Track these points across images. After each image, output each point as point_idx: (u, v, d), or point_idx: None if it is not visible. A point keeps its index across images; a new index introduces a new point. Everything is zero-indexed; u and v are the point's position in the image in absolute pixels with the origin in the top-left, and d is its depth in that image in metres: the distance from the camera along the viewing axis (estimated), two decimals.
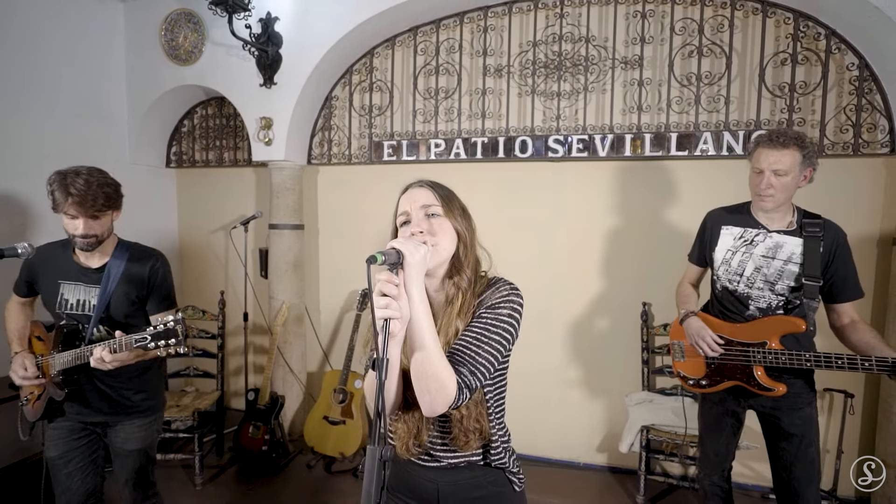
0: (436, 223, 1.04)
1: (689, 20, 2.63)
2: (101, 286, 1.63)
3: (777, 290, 1.70)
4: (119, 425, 1.73)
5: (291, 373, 3.23)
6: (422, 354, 0.90)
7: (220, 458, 3.02)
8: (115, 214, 1.66)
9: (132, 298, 1.68)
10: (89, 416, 1.70)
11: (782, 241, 1.70)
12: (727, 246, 1.80)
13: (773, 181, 1.63)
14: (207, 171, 3.64)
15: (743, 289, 1.76)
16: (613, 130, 2.76)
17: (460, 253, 1.06)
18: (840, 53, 2.47)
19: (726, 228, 1.81)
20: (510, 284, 1.08)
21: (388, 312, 0.85)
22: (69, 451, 1.70)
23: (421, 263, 0.91)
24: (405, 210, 1.07)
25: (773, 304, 1.72)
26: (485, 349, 0.98)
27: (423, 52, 3.07)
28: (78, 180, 1.50)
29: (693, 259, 2.00)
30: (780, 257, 1.69)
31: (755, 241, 1.74)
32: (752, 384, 1.71)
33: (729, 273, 1.79)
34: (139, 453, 1.75)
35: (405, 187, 1.11)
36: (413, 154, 3.10)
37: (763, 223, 1.74)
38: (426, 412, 0.94)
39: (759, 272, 1.72)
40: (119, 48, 3.27)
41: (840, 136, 2.48)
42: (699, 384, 1.86)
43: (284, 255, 3.20)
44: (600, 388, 2.93)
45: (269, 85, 3.00)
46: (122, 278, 1.65)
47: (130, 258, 1.69)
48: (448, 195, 1.10)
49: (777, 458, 1.75)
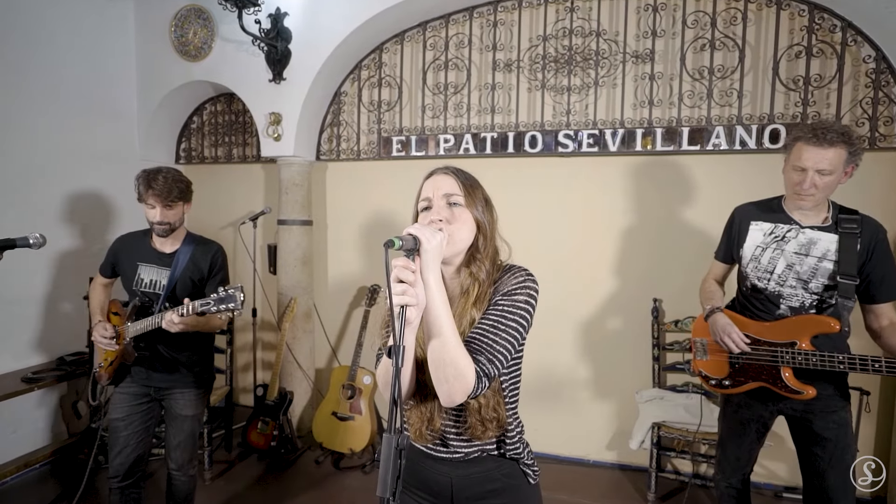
0: (456, 212, 1.03)
1: (702, 13, 2.60)
2: (171, 268, 1.93)
3: (811, 289, 1.61)
4: (179, 392, 1.97)
5: (300, 369, 3.23)
6: (439, 342, 0.89)
7: (230, 454, 3.02)
8: (185, 207, 1.97)
9: (195, 281, 1.97)
10: (156, 381, 1.95)
11: (816, 237, 1.61)
12: (756, 242, 1.71)
13: (816, 181, 1.52)
14: (216, 168, 3.65)
15: (773, 287, 1.67)
16: (624, 125, 2.74)
17: (479, 244, 1.05)
18: (856, 46, 2.43)
19: (755, 224, 1.73)
20: (525, 270, 1.06)
21: (405, 299, 0.84)
22: (131, 414, 1.93)
23: (437, 250, 0.90)
24: (427, 196, 1.06)
25: (807, 303, 1.63)
26: (502, 336, 0.97)
27: (432, 48, 3.06)
28: (158, 177, 1.84)
29: (719, 256, 1.91)
30: (815, 254, 1.60)
31: (787, 237, 1.65)
32: (778, 386, 1.63)
33: (758, 271, 1.70)
34: (193, 419, 2.01)
35: (430, 172, 1.10)
36: (422, 149, 3.09)
37: (796, 219, 1.65)
38: (445, 402, 0.93)
39: (791, 270, 1.64)
40: (129, 44, 3.28)
41: (856, 129, 2.44)
42: (721, 384, 1.78)
43: (293, 251, 3.20)
44: (610, 384, 2.91)
45: (278, 80, 3.00)
46: (188, 263, 1.95)
47: (196, 247, 1.99)
48: (472, 184, 1.08)
49: (809, 465, 1.66)
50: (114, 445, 1.92)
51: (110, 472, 1.92)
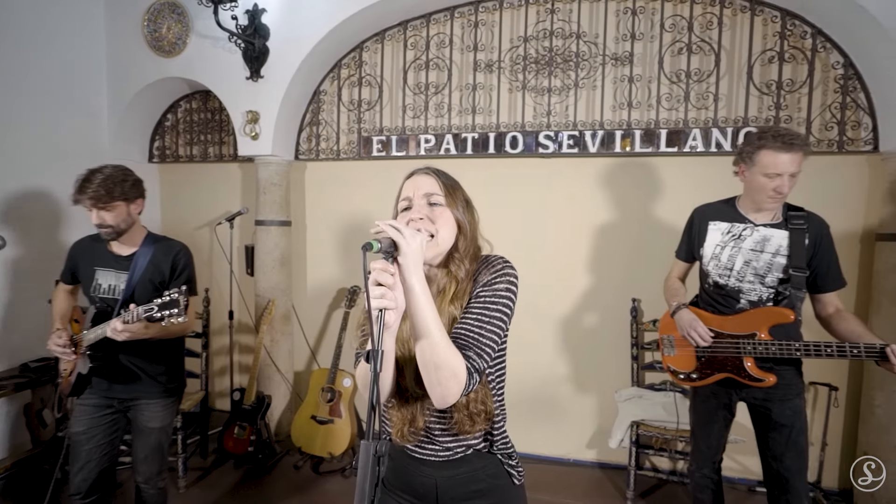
0: (437, 212, 1.02)
1: (679, 17, 2.65)
2: (129, 272, 1.82)
3: (767, 283, 1.73)
4: (144, 403, 1.86)
5: (278, 372, 3.17)
6: (429, 346, 0.87)
7: (205, 460, 2.95)
8: (132, 207, 1.83)
9: (156, 284, 1.85)
10: (118, 393, 1.84)
11: (769, 234, 1.72)
12: (715, 241, 1.82)
13: (788, 183, 1.63)
14: (192, 167, 3.56)
15: (734, 283, 1.77)
16: (604, 127, 2.76)
17: (460, 245, 1.04)
18: (825, 52, 2.50)
19: (713, 224, 1.84)
20: (502, 258, 1.06)
21: (384, 303, 0.82)
22: (93, 427, 1.82)
23: (418, 253, 0.88)
24: (408, 196, 1.04)
25: (764, 296, 1.74)
26: (487, 328, 0.96)
27: (413, 47, 3.04)
28: (93, 177, 1.74)
29: (681, 255, 2.02)
30: (769, 250, 1.72)
31: (743, 235, 1.76)
32: (742, 375, 1.73)
33: (719, 268, 1.80)
34: (161, 431, 1.90)
35: (410, 173, 1.08)
36: (402, 149, 3.06)
37: (749, 218, 1.76)
38: (438, 404, 0.91)
39: (748, 266, 1.74)
40: (99, 38, 3.17)
41: (825, 133, 2.51)
42: (690, 378, 1.86)
43: (271, 252, 3.14)
44: (590, 384, 2.93)
45: (255, 78, 2.94)
46: (147, 266, 1.85)
47: (157, 248, 1.88)
48: (452, 184, 1.07)
49: (767, 449, 1.77)
50: (75, 460, 1.81)
51: (71, 488, 1.81)
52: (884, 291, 2.35)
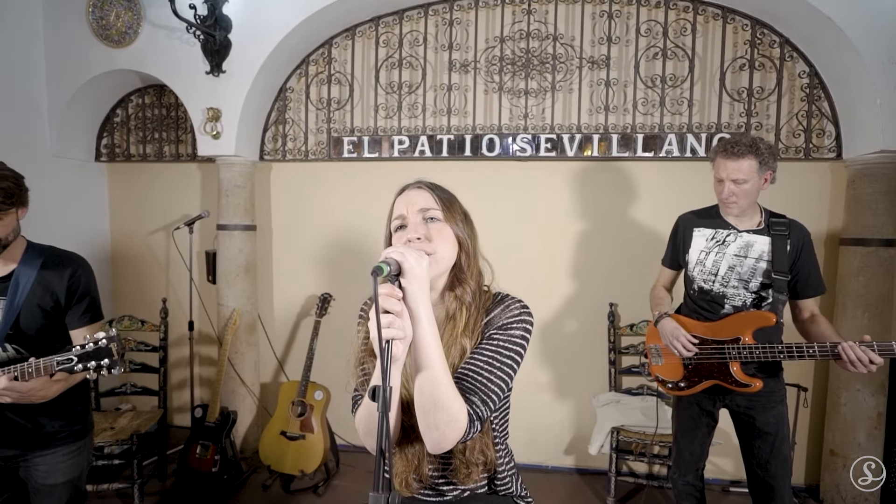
0: (434, 228, 0.93)
1: (654, 22, 2.66)
2: (8, 298, 1.40)
3: (751, 288, 1.74)
4: (37, 458, 1.48)
5: (243, 385, 2.99)
6: (429, 384, 0.79)
7: (164, 483, 2.74)
8: (20, 213, 1.41)
9: (47, 310, 1.45)
10: (0, 451, 1.45)
11: (752, 240, 1.75)
12: (700, 247, 1.83)
13: (734, 189, 1.68)
14: (145, 166, 3.30)
15: (718, 288, 1.79)
16: (581, 130, 2.74)
17: (462, 262, 0.96)
18: (792, 62, 2.57)
19: (698, 230, 1.85)
20: (520, 301, 0.99)
21: (392, 332, 0.73)
22: None
23: (425, 276, 0.79)
24: (401, 213, 0.95)
25: (748, 301, 1.76)
26: (496, 374, 0.89)
27: (385, 44, 2.93)
28: None
29: (666, 263, 2.02)
30: (752, 255, 1.74)
31: (727, 241, 1.78)
32: (729, 381, 1.73)
33: (704, 273, 1.81)
34: (65, 487, 1.52)
35: (402, 188, 0.99)
36: (375, 151, 2.94)
37: (733, 224, 1.79)
38: (432, 449, 0.83)
39: (732, 271, 1.76)
40: (36, 24, 2.88)
41: (793, 140, 2.58)
42: (678, 387, 1.85)
43: (235, 257, 2.95)
44: (567, 389, 2.91)
45: (216, 73, 2.75)
46: (33, 287, 1.43)
47: (45, 264, 1.46)
48: (449, 198, 0.99)
49: (752, 457, 1.78)
50: None
51: None
52: (848, 294, 2.44)
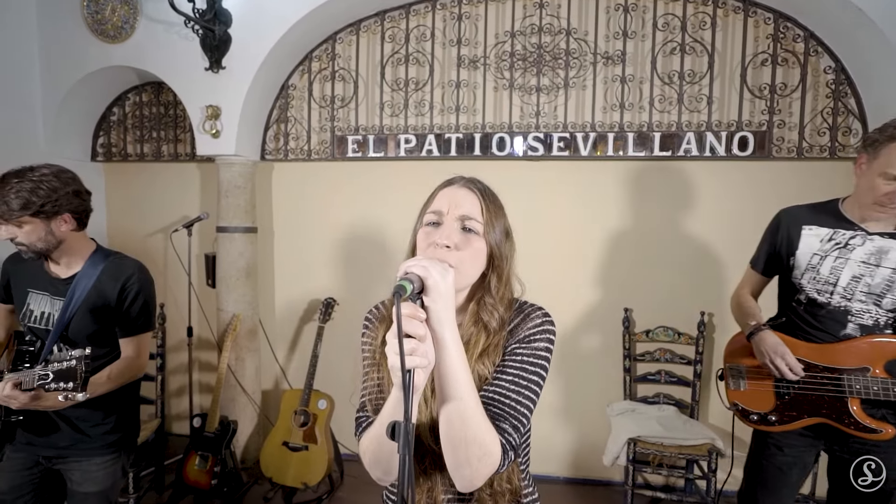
0: (467, 240, 0.83)
1: (672, 16, 2.55)
2: (66, 299, 1.46)
3: (885, 305, 1.41)
4: (72, 462, 1.51)
5: (244, 393, 2.88)
6: (459, 415, 0.69)
7: (161, 496, 2.64)
8: (55, 224, 1.42)
9: (98, 315, 1.49)
10: (41, 449, 1.50)
11: (887, 245, 1.41)
12: (812, 249, 1.49)
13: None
14: (143, 166, 3.20)
15: (839, 301, 1.45)
16: (595, 129, 2.63)
17: (492, 284, 0.85)
18: (816, 56, 2.46)
19: (809, 228, 1.51)
20: (541, 309, 0.89)
21: (415, 360, 0.63)
22: (21, 485, 1.50)
23: (451, 293, 0.69)
24: (440, 209, 0.84)
25: (882, 321, 1.42)
26: (524, 395, 0.79)
27: (391, 40, 2.82)
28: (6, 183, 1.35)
29: (759, 266, 1.66)
30: (887, 265, 1.40)
31: (850, 244, 1.44)
32: (845, 423, 1.39)
33: (817, 282, 1.48)
34: (96, 497, 1.53)
35: (449, 180, 0.89)
36: (381, 150, 2.84)
37: (860, 224, 1.44)
38: (463, 487, 0.73)
39: (859, 282, 1.43)
40: (29, 18, 2.78)
41: (817, 139, 2.47)
42: (766, 420, 1.51)
43: (235, 261, 2.85)
44: (581, 397, 2.81)
45: (216, 69, 2.64)
46: (90, 292, 1.48)
47: (104, 269, 1.51)
48: (497, 209, 0.88)
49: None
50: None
51: None
52: None
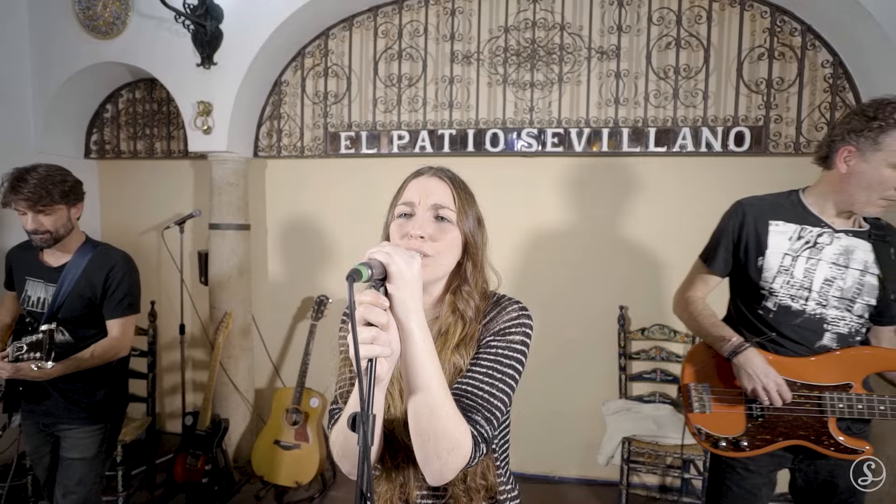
0: (442, 229, 0.82)
1: (667, 10, 2.52)
2: (57, 285, 1.65)
3: (856, 311, 1.29)
4: (66, 429, 1.69)
5: (237, 391, 2.87)
6: (428, 407, 0.67)
7: (152, 494, 2.62)
8: (72, 211, 1.66)
9: (86, 300, 1.67)
10: (39, 416, 1.70)
11: (853, 244, 1.28)
12: (782, 248, 1.31)
13: None
14: (136, 164, 3.19)
15: (814, 309, 1.29)
16: (590, 124, 2.61)
17: (467, 272, 0.84)
18: (814, 51, 2.43)
19: (775, 224, 1.33)
20: (518, 303, 0.88)
21: (375, 349, 0.61)
22: (39, 446, 1.74)
23: (417, 281, 0.67)
24: (411, 200, 0.83)
25: (854, 329, 1.30)
26: (498, 387, 0.78)
27: (384, 35, 2.80)
28: (28, 176, 1.55)
29: (716, 265, 1.42)
30: (855, 266, 1.28)
31: (819, 242, 1.29)
32: (824, 444, 1.28)
33: (792, 287, 1.30)
34: (81, 463, 1.69)
35: (417, 171, 0.88)
36: (374, 147, 2.82)
37: (826, 220, 1.30)
38: (433, 480, 0.71)
39: (831, 285, 1.28)
40: (20, 14, 2.77)
41: (815, 134, 2.44)
42: (737, 446, 1.34)
43: (228, 258, 2.83)
44: (575, 396, 2.78)
45: (207, 65, 2.63)
46: (79, 278, 1.66)
47: (92, 259, 1.69)
48: (468, 197, 0.88)
49: None
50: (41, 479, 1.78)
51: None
52: None
